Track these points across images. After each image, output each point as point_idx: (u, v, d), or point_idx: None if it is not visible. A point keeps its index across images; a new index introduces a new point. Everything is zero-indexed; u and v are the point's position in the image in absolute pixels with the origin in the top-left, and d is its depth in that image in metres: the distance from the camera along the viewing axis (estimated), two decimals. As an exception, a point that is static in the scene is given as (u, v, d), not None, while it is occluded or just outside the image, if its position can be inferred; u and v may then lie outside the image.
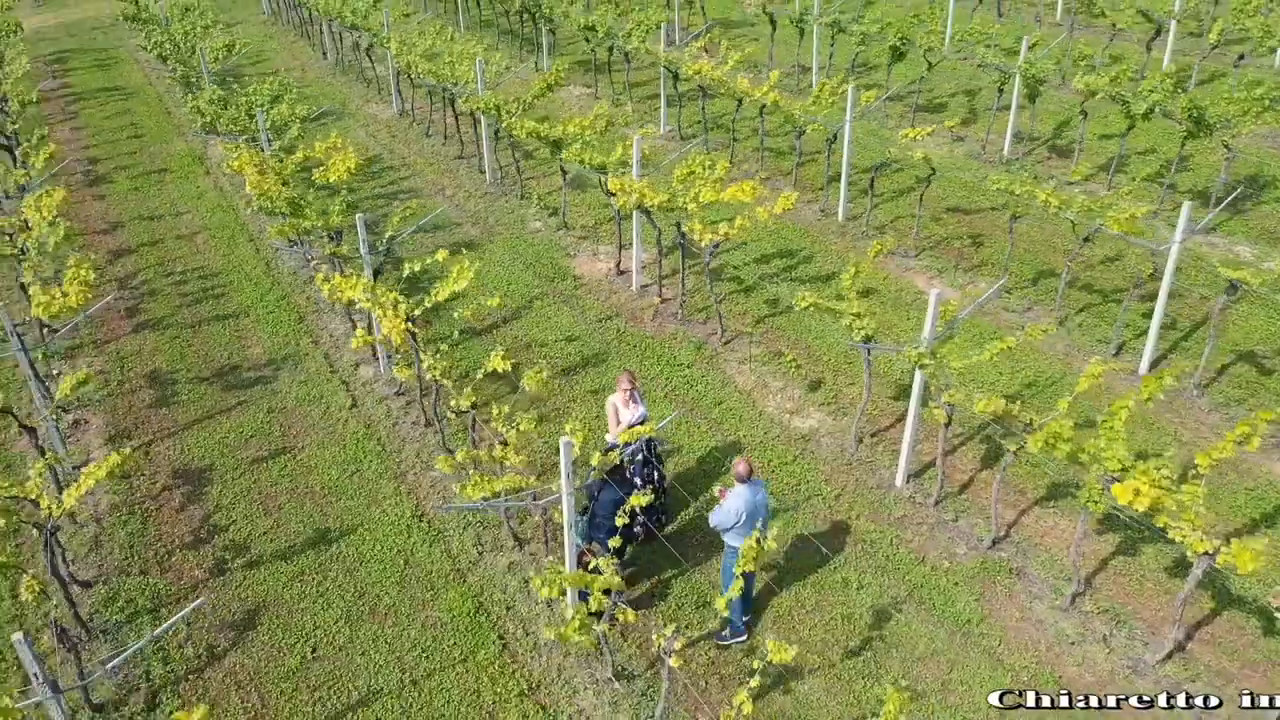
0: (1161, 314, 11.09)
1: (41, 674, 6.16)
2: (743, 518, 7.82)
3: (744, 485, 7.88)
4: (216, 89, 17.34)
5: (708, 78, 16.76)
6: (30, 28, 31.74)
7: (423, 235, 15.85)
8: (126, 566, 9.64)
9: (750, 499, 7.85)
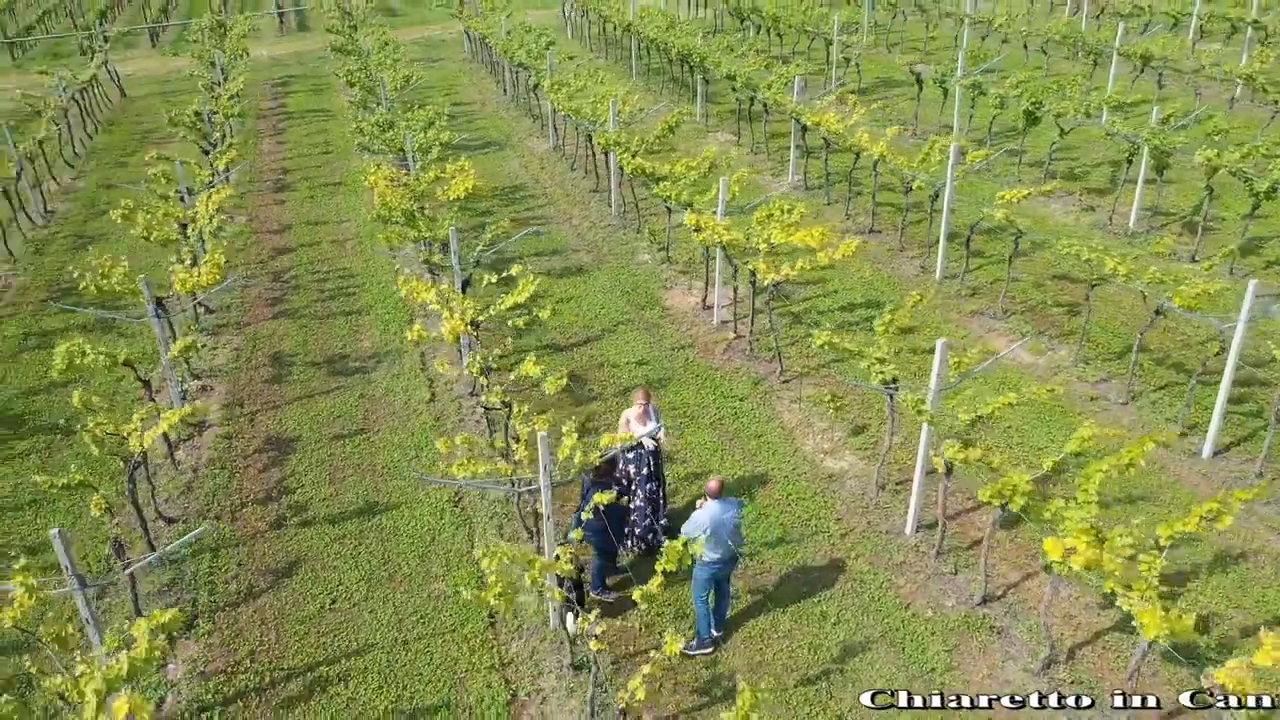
0: (1226, 395, 10.57)
1: (70, 567, 7.41)
2: (707, 532, 8.22)
3: (714, 502, 8.29)
4: (385, 113, 19.33)
5: (829, 130, 17.16)
6: (269, 55, 35.95)
7: (540, 257, 17.07)
8: (205, 511, 11.07)
9: (718, 516, 8.24)
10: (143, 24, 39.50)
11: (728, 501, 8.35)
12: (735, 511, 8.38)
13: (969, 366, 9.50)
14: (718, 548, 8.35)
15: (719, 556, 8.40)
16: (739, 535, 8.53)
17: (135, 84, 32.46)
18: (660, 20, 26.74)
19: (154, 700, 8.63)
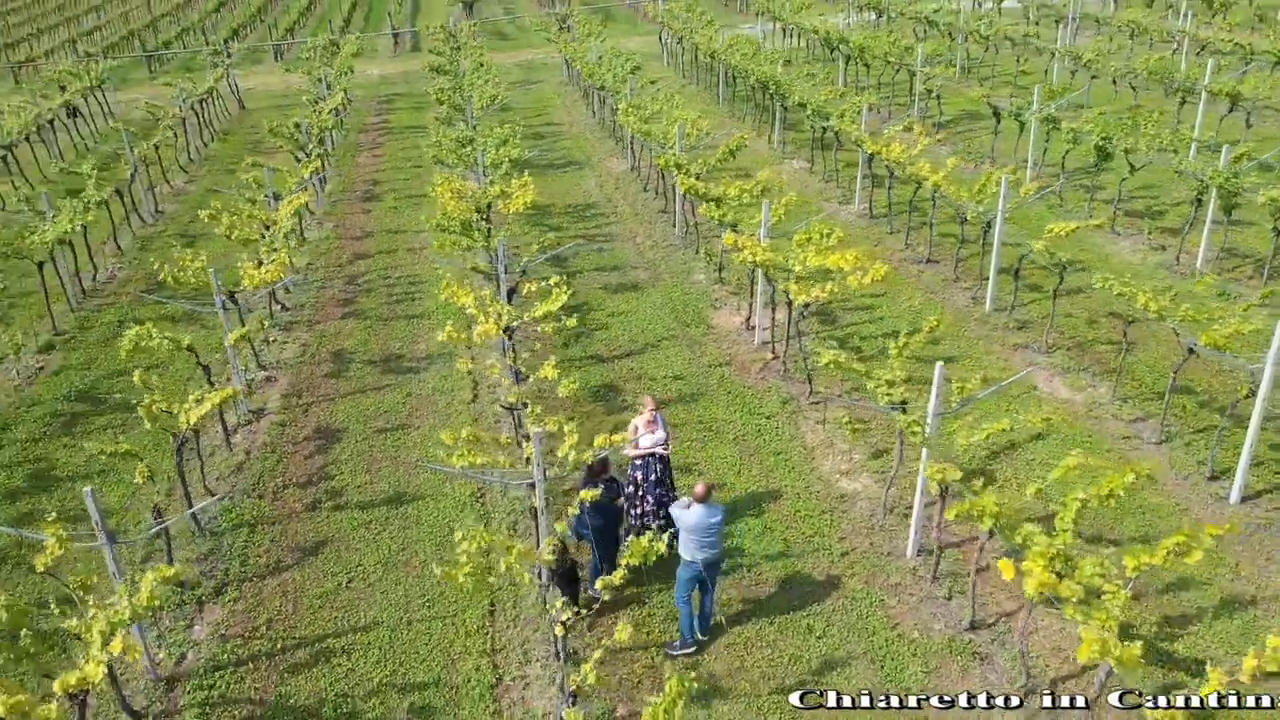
0: (1254, 439, 10.28)
1: (100, 523, 8.17)
2: (685, 531, 8.51)
3: (698, 505, 8.57)
4: (467, 130, 20.24)
5: (889, 159, 17.22)
6: (379, 74, 37.75)
7: (600, 272, 17.63)
8: (250, 490, 11.87)
9: (700, 519, 8.52)
10: (269, 42, 41.97)
11: (712, 507, 8.61)
12: (718, 518, 8.63)
13: (971, 393, 9.53)
14: (699, 550, 8.62)
15: (700, 559, 8.66)
16: (719, 540, 8.75)
17: (254, 98, 34.55)
18: (747, 48, 27.13)
19: (176, 655, 9.36)
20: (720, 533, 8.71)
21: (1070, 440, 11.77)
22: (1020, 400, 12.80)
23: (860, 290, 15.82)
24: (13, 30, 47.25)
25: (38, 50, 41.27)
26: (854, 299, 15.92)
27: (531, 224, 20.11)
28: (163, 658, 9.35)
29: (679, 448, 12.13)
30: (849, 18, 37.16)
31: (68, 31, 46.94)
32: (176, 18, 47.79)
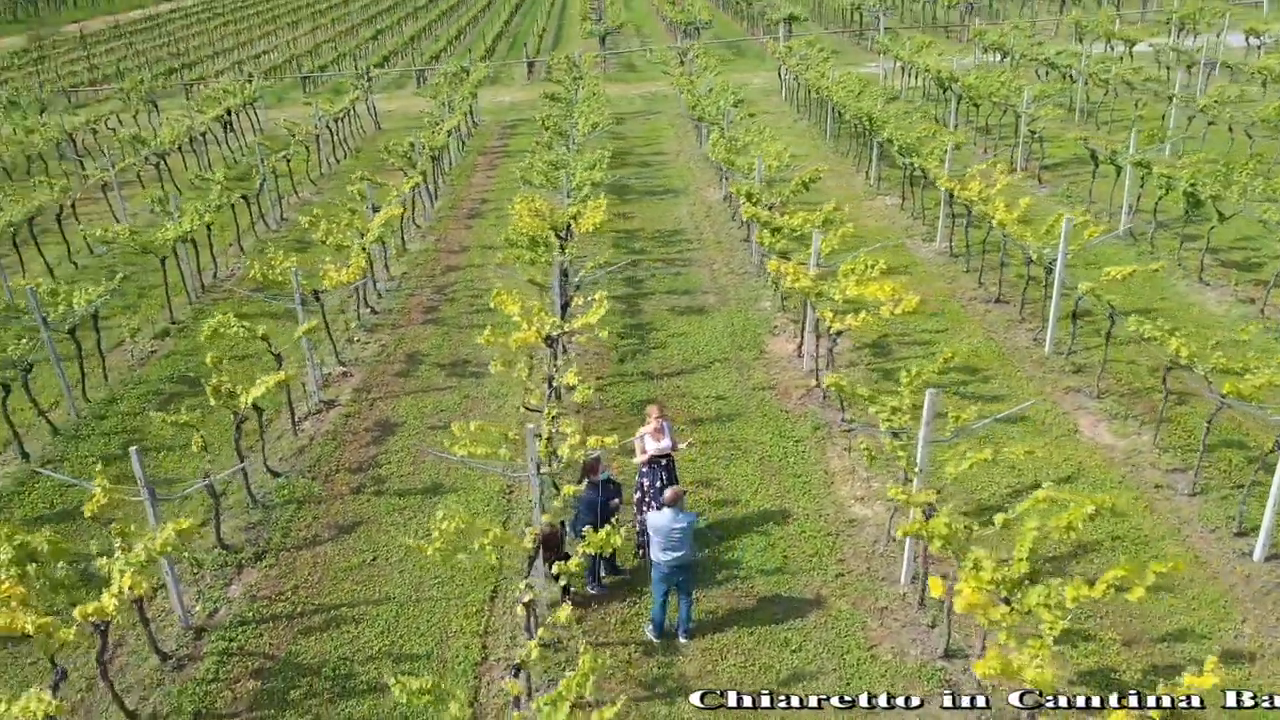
0: (1278, 496, 9.90)
1: (143, 481, 9.22)
2: (652, 532, 8.99)
3: (667, 509, 9.00)
4: (561, 154, 21.21)
5: (964, 198, 17.17)
6: (510, 100, 39.55)
7: (671, 295, 18.20)
8: (305, 471, 12.92)
9: (665, 523, 8.97)
10: (414, 68, 44.58)
11: (678, 513, 9.01)
12: (683, 524, 9.01)
13: (966, 423, 9.60)
14: (662, 551, 9.05)
15: (664, 560, 9.08)
16: (683, 545, 9.10)
17: (392, 119, 36.77)
18: (854, 85, 27.28)
19: (209, 609, 10.35)
20: (685, 538, 9.06)
21: (1098, 485, 11.58)
22: (1058, 441, 12.61)
23: (913, 324, 16.02)
24: (192, 52, 51.74)
25: (210, 71, 45.10)
26: (913, 334, 15.93)
27: (618, 246, 20.88)
28: (198, 610, 10.36)
29: (703, 462, 12.53)
30: (974, 59, 36.68)
31: (239, 55, 51.06)
32: (336, 44, 51.28)
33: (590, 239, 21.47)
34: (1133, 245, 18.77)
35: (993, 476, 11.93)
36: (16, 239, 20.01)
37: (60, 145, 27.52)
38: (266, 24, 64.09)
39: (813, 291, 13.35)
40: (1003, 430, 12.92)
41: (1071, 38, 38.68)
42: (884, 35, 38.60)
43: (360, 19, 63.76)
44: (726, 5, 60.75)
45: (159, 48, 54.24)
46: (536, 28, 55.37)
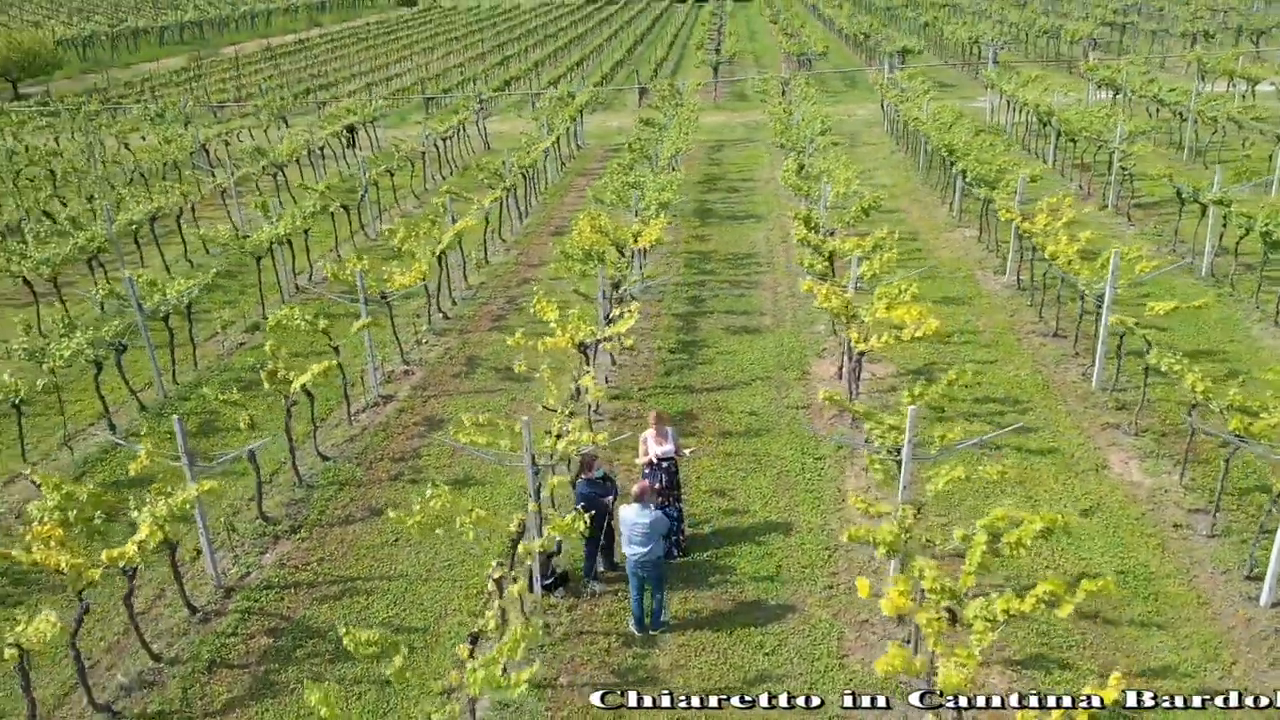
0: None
1: (183, 449, 10.23)
2: (625, 528, 9.47)
3: (633, 504, 9.46)
4: (638, 175, 21.92)
5: (1026, 231, 17.01)
6: (618, 125, 40.62)
7: (730, 315, 18.59)
8: (353, 457, 13.86)
9: (630, 517, 9.43)
10: (531, 92, 46.28)
11: (645, 510, 9.43)
12: (647, 520, 9.42)
13: (951, 443, 9.70)
14: (629, 544, 9.51)
15: (630, 553, 9.53)
16: (648, 541, 9.49)
17: (502, 140, 38.30)
18: (947, 118, 27.11)
19: (242, 572, 11.31)
20: (650, 535, 9.45)
21: (1113, 521, 11.41)
22: (1081, 475, 12.44)
23: (964, 353, 15.97)
24: (331, 74, 54.99)
25: (343, 91, 47.94)
26: (961, 362, 15.85)
27: (689, 266, 21.42)
28: (232, 572, 11.32)
29: (722, 472, 12.88)
30: (1088, 94, 35.76)
31: (373, 77, 54.01)
32: (464, 69, 53.64)
33: (664, 258, 22.14)
34: (1213, 285, 18.15)
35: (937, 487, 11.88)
36: (139, 237, 21.94)
37: (194, 155, 29.89)
38: (404, 49, 67.45)
39: (844, 312, 13.56)
40: (1027, 461, 12.86)
41: (1193, 75, 37.26)
42: (993, 69, 38.02)
43: (491, 46, 66.40)
44: (845, 37, 60.76)
45: (302, 69, 57.85)
46: (656, 56, 56.60)
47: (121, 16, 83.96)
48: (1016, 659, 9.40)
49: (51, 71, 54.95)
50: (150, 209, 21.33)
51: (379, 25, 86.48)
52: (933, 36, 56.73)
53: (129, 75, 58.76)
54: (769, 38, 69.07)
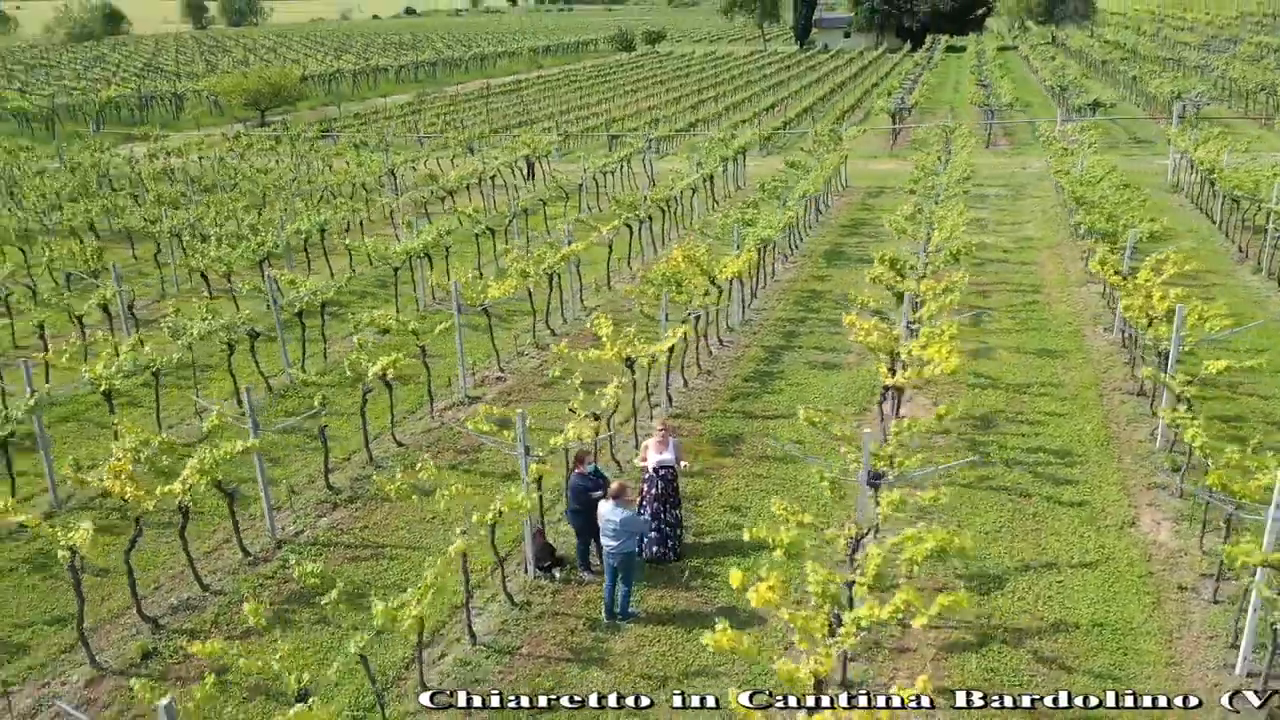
0: (1256, 604, 9.18)
1: (250, 413, 11.99)
2: (601, 522, 10.31)
3: (609, 500, 10.28)
4: (763, 213, 22.71)
5: (1113, 283, 16.55)
6: (889, 169, 40.94)
7: (819, 351, 18.99)
8: (425, 445, 15.40)
9: (606, 512, 10.25)
10: (699, 134, 47.84)
11: (617, 507, 10.24)
12: (618, 517, 10.20)
13: (908, 469, 9.96)
14: (603, 536, 10.32)
15: (608, 548, 10.34)
16: (619, 536, 10.26)
17: (666, 176, 39.93)
18: (1098, 171, 26.20)
19: (296, 529, 12.97)
20: (621, 531, 10.24)
21: (1113, 577, 11.18)
22: (1102, 529, 12.15)
23: (1033, 405, 15.72)
24: (534, 112, 58.89)
25: (538, 127, 51.29)
26: (1027, 413, 15.68)
27: (798, 304, 21.94)
28: (289, 528, 13.01)
29: (745, 491, 13.47)
30: (1287, 154, 33.15)
31: (571, 115, 57.35)
32: (657, 111, 56.09)
33: (776, 294, 22.77)
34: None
35: (1005, 549, 11.83)
36: (308, 246, 24.83)
37: (382, 178, 33.21)
38: (608, 91, 71.08)
39: (881, 348, 13.84)
40: (1053, 510, 12.67)
41: None
42: (1177, 125, 35.97)
43: (690, 90, 68.85)
44: (1050, 89, 58.62)
45: (509, 107, 62.22)
46: (846, 104, 56.86)
47: (368, 57, 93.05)
48: (951, 687, 9.51)
49: (295, 102, 61.85)
50: (319, 221, 24.13)
51: (594, 69, 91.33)
52: (1140, 90, 53.89)
53: (361, 108, 65.17)
54: (1038, 85, 67.46)
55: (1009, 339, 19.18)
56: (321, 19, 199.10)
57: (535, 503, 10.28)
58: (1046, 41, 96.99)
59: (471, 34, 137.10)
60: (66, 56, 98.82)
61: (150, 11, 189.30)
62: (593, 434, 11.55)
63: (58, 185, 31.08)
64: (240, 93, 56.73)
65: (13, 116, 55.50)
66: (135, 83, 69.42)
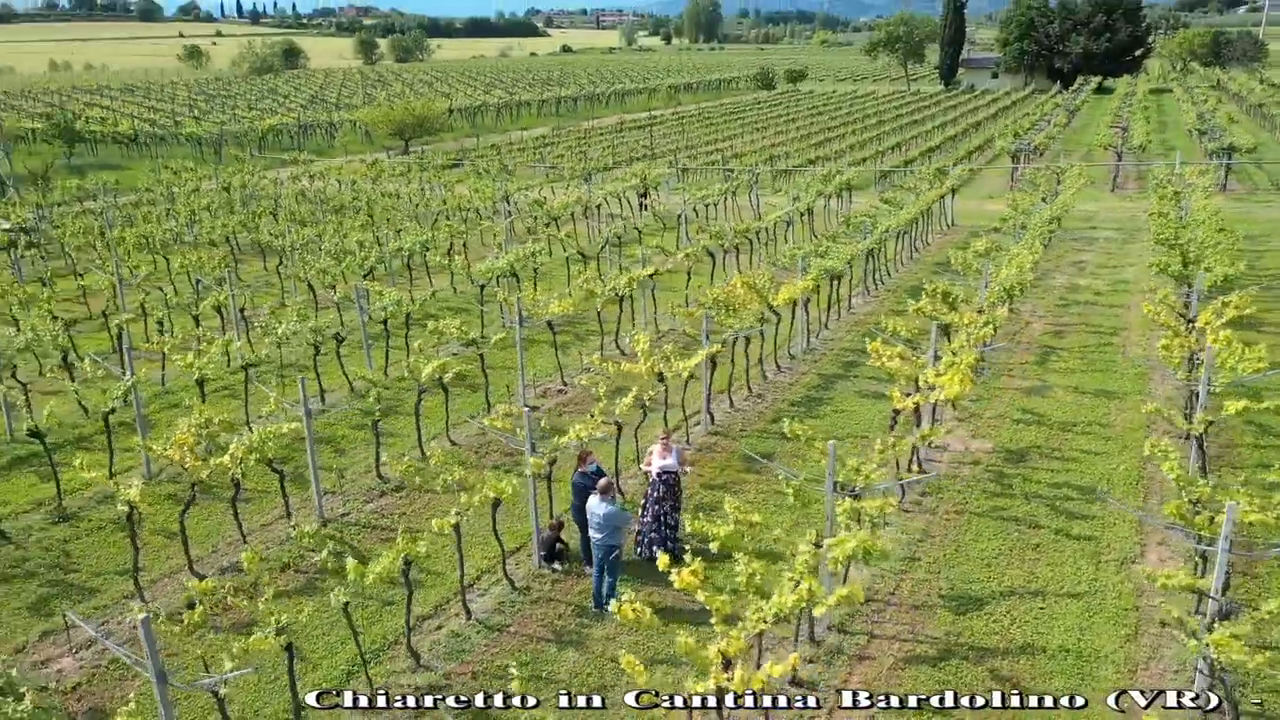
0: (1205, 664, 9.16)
1: (305, 405, 13.41)
2: (589, 515, 11.15)
3: (596, 495, 11.11)
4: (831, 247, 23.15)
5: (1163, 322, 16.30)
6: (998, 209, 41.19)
7: (873, 382, 19.30)
8: (477, 446, 16.59)
9: (593, 507, 11.09)
10: (771, 168, 48.17)
11: (603, 503, 11.04)
12: (604, 510, 11.00)
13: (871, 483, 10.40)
14: (590, 530, 11.14)
15: (594, 540, 11.18)
16: (602, 530, 11.05)
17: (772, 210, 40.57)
18: (1202, 215, 25.37)
19: (344, 511, 14.31)
20: (604, 525, 11.03)
21: (1099, 608, 11.20)
22: (1103, 563, 12.13)
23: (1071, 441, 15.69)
24: (660, 147, 60.52)
25: (662, 161, 52.76)
26: (1064, 449, 15.65)
27: (869, 335, 22.20)
28: (337, 508, 14.36)
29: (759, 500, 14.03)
30: None
31: (691, 150, 58.66)
32: (781, 147, 56.74)
33: (847, 326, 23.11)
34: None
35: (995, 575, 12.01)
36: (412, 266, 26.71)
37: (496, 204, 35.18)
38: (738, 126, 72.21)
39: (899, 374, 14.19)
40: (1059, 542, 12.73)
41: None
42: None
43: (821, 128, 69.20)
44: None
45: (637, 141, 64.03)
46: (973, 143, 56.08)
47: (514, 92, 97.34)
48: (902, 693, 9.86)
49: (437, 133, 65.56)
50: (422, 240, 25.99)
51: (729, 106, 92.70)
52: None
53: (499, 139, 68.36)
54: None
55: (1071, 378, 18.98)
56: (482, 56, 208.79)
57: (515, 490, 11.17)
58: (1210, 85, 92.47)
59: (619, 70, 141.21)
60: (244, 88, 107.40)
61: (327, 48, 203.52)
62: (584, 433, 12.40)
63: (205, 202, 34.39)
64: (386, 123, 60.64)
65: (187, 141, 61.09)
66: (297, 113, 75.07)
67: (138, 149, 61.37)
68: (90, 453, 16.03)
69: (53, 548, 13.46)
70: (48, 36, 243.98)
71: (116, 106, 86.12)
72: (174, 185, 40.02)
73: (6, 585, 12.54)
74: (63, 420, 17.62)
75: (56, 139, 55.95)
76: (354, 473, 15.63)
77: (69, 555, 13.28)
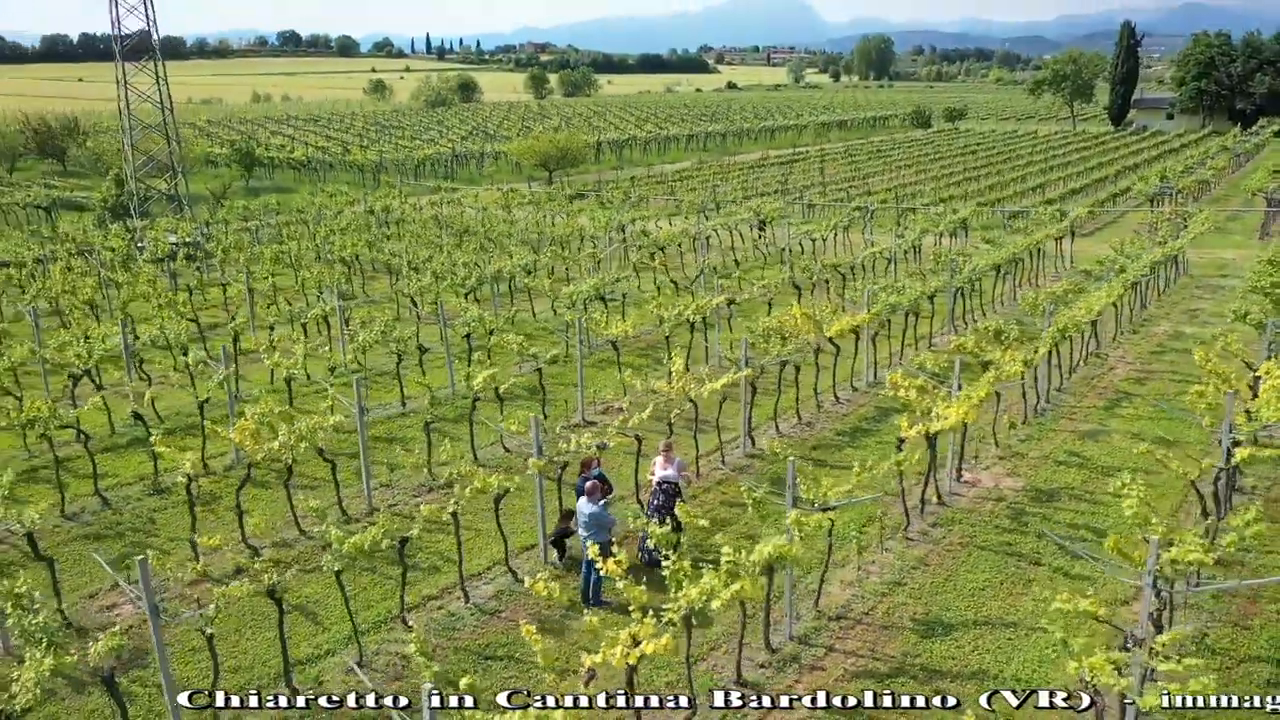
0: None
1: (359, 406, 14.96)
2: (577, 516, 12.10)
3: (584, 497, 12.04)
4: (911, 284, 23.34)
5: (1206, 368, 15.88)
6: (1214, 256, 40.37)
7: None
8: (519, 450, 17.80)
9: (580, 507, 12.04)
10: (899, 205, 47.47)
11: (591, 503, 11.96)
12: (588, 510, 11.91)
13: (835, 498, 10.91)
14: (579, 528, 12.06)
15: (581, 537, 12.10)
16: (591, 529, 11.95)
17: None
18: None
19: (394, 504, 15.74)
20: (589, 524, 11.97)
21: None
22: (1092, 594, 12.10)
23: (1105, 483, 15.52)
24: (791, 181, 60.98)
25: (782, 198, 53.27)
26: (1095, 492, 15.49)
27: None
28: (385, 501, 15.81)
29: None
30: None
31: (823, 187, 58.81)
32: (915, 186, 56.24)
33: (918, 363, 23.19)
34: None
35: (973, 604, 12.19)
36: (512, 286, 28.41)
37: (610, 233, 36.71)
38: (881, 164, 71.73)
39: (913, 404, 14.50)
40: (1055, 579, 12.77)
41: None
42: None
43: (969, 166, 67.94)
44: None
45: (773, 176, 64.71)
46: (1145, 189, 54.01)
47: (664, 127, 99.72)
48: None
49: (580, 165, 68.22)
50: (522, 263, 27.67)
51: (878, 144, 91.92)
52: None
53: (641, 172, 70.43)
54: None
55: (1134, 424, 18.58)
56: (648, 91, 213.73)
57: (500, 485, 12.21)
58: None
59: (776, 107, 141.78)
60: (413, 120, 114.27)
61: (504, 83, 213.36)
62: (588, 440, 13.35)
63: (343, 223, 37.48)
64: (533, 155, 63.66)
65: (351, 168, 65.98)
66: (454, 143, 79.61)
67: (309, 174, 66.73)
68: (196, 438, 18.18)
69: (142, 514, 15.47)
70: (255, 70, 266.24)
71: (299, 135, 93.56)
72: (325, 208, 43.58)
73: (98, 542, 14.55)
74: (179, 410, 20.03)
75: (237, 163, 61.64)
76: (411, 469, 17.09)
77: (154, 522, 15.25)
